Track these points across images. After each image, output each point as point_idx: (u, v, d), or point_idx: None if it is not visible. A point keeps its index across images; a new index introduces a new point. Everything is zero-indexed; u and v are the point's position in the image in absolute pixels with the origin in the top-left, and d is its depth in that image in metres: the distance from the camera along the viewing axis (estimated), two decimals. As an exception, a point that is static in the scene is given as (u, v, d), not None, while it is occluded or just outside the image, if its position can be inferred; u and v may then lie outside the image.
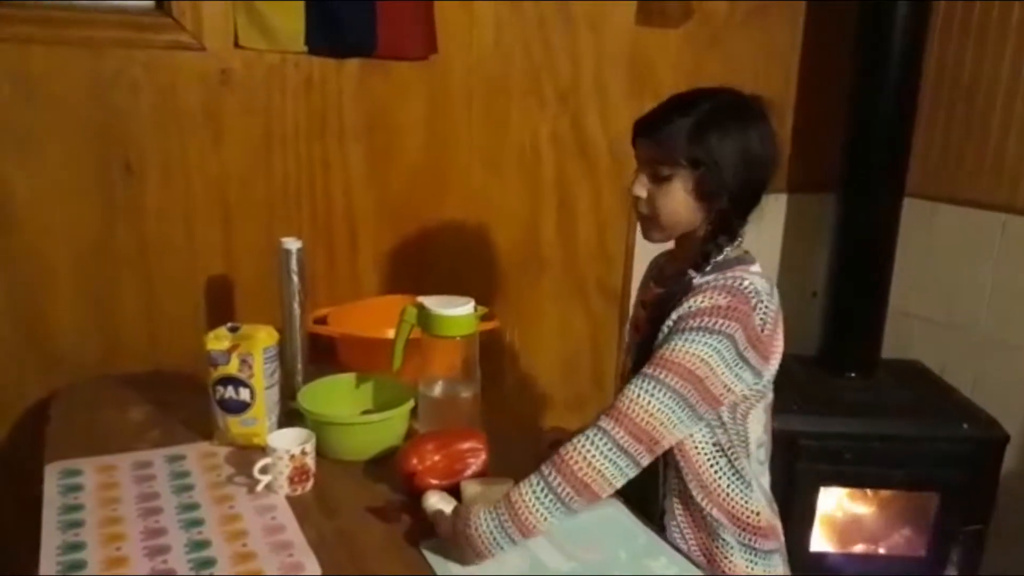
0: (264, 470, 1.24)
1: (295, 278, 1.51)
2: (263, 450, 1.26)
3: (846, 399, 2.08)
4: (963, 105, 2.17)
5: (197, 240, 1.74)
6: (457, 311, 1.36)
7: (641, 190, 1.23)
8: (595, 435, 1.09)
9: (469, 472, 1.25)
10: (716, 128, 1.16)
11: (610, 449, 1.08)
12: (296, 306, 1.52)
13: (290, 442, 1.26)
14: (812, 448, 1.94)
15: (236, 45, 1.67)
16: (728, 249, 1.20)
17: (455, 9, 1.86)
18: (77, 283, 1.66)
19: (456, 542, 1.09)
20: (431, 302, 1.38)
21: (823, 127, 2.27)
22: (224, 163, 1.73)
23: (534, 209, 2.07)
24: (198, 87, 1.67)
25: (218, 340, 1.36)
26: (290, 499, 1.24)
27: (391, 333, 1.44)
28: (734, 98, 1.20)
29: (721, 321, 1.10)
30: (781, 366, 1.23)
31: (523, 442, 1.47)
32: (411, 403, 1.39)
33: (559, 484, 1.07)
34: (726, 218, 1.19)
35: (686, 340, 1.10)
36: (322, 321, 1.68)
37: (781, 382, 1.25)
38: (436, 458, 1.24)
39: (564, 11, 1.98)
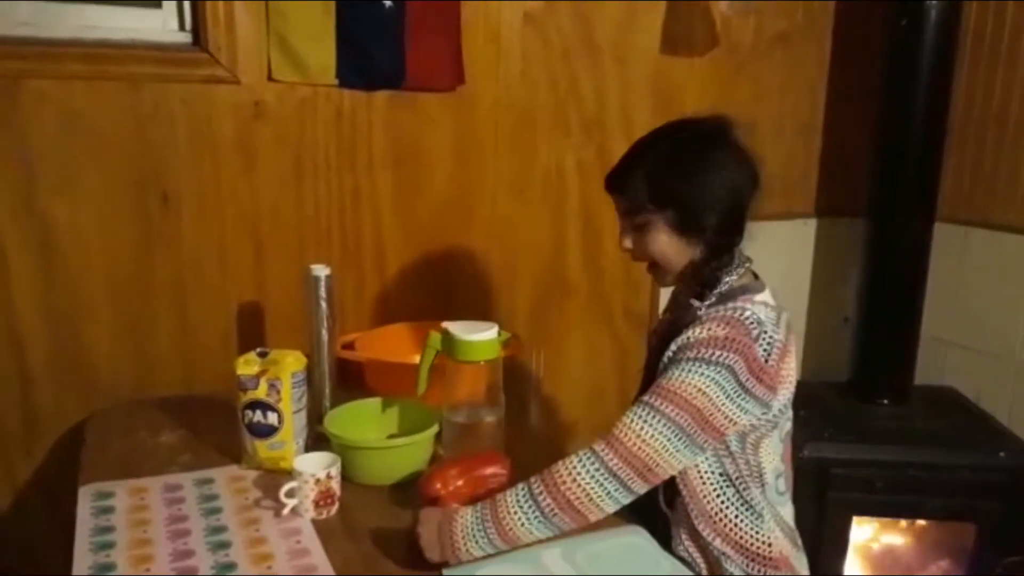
0: (290, 494, 1.26)
1: (323, 304, 1.54)
2: (290, 474, 1.28)
3: (878, 426, 2.05)
4: (995, 128, 2.15)
5: (230, 268, 1.78)
6: (481, 336, 1.38)
7: (627, 242, 1.29)
8: (586, 456, 1.10)
9: (492, 497, 1.26)
10: (674, 168, 1.20)
11: (598, 471, 1.09)
12: (324, 332, 1.55)
13: (316, 466, 1.28)
14: (843, 477, 1.91)
15: (269, 78, 1.72)
16: (732, 278, 1.21)
17: (482, 41, 1.90)
18: (114, 310, 1.71)
19: (438, 537, 1.12)
20: (455, 327, 1.39)
21: (852, 151, 2.27)
22: (256, 193, 1.77)
23: (559, 237, 2.09)
24: (232, 119, 1.72)
25: (247, 365, 1.39)
26: (316, 523, 1.26)
27: (417, 358, 1.46)
28: (693, 130, 1.22)
29: (719, 352, 1.11)
30: (811, 392, 1.23)
31: (545, 468, 1.47)
32: (435, 428, 1.40)
33: (542, 496, 1.10)
34: (715, 245, 1.21)
35: (684, 370, 1.11)
36: (350, 346, 1.71)
37: (811, 409, 1.25)
38: (459, 483, 1.25)
39: (589, 42, 2.01)
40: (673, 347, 1.16)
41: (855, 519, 1.97)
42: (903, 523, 2.06)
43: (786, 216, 2.32)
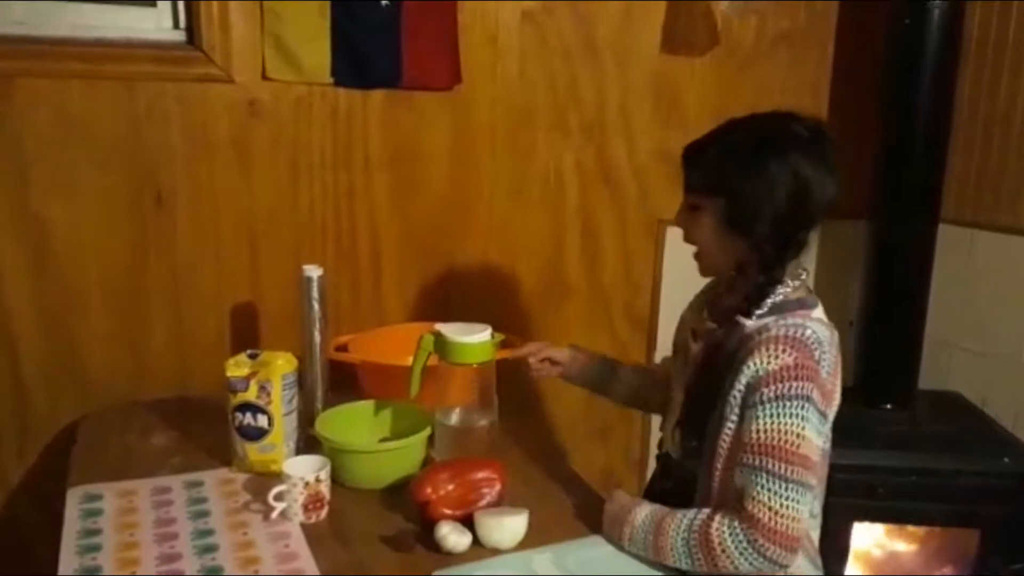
0: (279, 497, 1.25)
1: (316, 305, 1.53)
2: (280, 477, 1.27)
3: (881, 431, 2.01)
4: (1000, 129, 2.12)
5: (224, 268, 1.77)
6: (474, 338, 1.36)
7: (680, 219, 1.24)
8: (734, 533, 1.08)
9: (484, 502, 1.24)
10: (744, 157, 1.14)
11: (747, 549, 1.07)
12: (317, 333, 1.54)
13: (305, 469, 1.26)
14: (844, 481, 1.87)
15: (264, 77, 1.71)
16: (787, 289, 1.16)
17: (480, 40, 1.88)
18: (109, 310, 1.70)
19: (615, 518, 1.19)
20: (448, 329, 1.38)
21: (855, 153, 2.22)
22: (252, 193, 1.76)
23: (558, 237, 2.07)
24: (227, 118, 1.71)
25: (238, 367, 1.38)
26: (304, 526, 1.24)
27: (410, 360, 1.44)
28: (782, 127, 1.15)
29: (796, 384, 1.08)
30: None
31: (541, 472, 1.46)
32: (427, 431, 1.38)
33: (695, 548, 1.10)
34: (767, 253, 1.14)
35: (773, 416, 1.08)
36: (343, 349, 1.69)
37: None
38: (450, 487, 1.23)
39: (589, 41, 1.99)
40: (743, 380, 1.11)
41: (856, 524, 1.94)
42: (905, 529, 2.03)
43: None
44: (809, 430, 1.09)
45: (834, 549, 1.93)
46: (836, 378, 1.16)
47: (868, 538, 2.03)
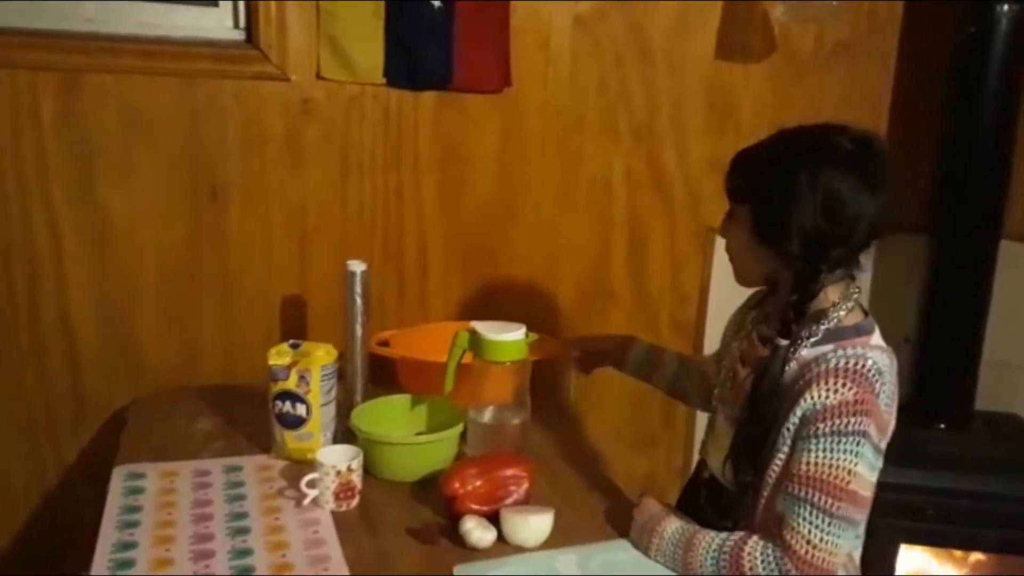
0: (311, 484, 1.27)
1: (358, 300, 1.56)
2: (314, 465, 1.29)
3: (933, 451, 1.95)
4: (1069, 144, 2.04)
5: (274, 262, 1.81)
6: (508, 336, 1.37)
7: (721, 227, 1.24)
8: (769, 562, 1.07)
9: (510, 500, 1.25)
10: (779, 163, 1.12)
11: None
12: (359, 327, 1.57)
13: (338, 458, 1.28)
14: (892, 501, 1.81)
15: (318, 77, 1.75)
16: (842, 312, 1.13)
17: (531, 44, 1.89)
18: (162, 299, 1.76)
19: (643, 528, 1.19)
20: (483, 327, 1.39)
21: (915, 166, 2.17)
22: (303, 189, 1.80)
23: (604, 243, 2.06)
24: (281, 116, 1.75)
25: (279, 356, 1.42)
26: (335, 515, 1.27)
27: (447, 357, 1.46)
28: (822, 137, 1.12)
29: (853, 420, 1.05)
30: None
31: (571, 474, 1.46)
32: (460, 427, 1.39)
33: (724, 564, 1.10)
34: (799, 269, 1.12)
35: (826, 450, 1.05)
36: (385, 344, 1.72)
37: None
38: (478, 483, 1.24)
39: (642, 46, 1.98)
40: (799, 412, 1.08)
41: (903, 546, 1.88)
42: (956, 554, 1.96)
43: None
44: (862, 466, 1.07)
45: (879, 571, 1.88)
46: (893, 406, 1.14)
47: (915, 562, 1.97)
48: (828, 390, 1.05)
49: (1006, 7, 1.87)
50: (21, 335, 1.69)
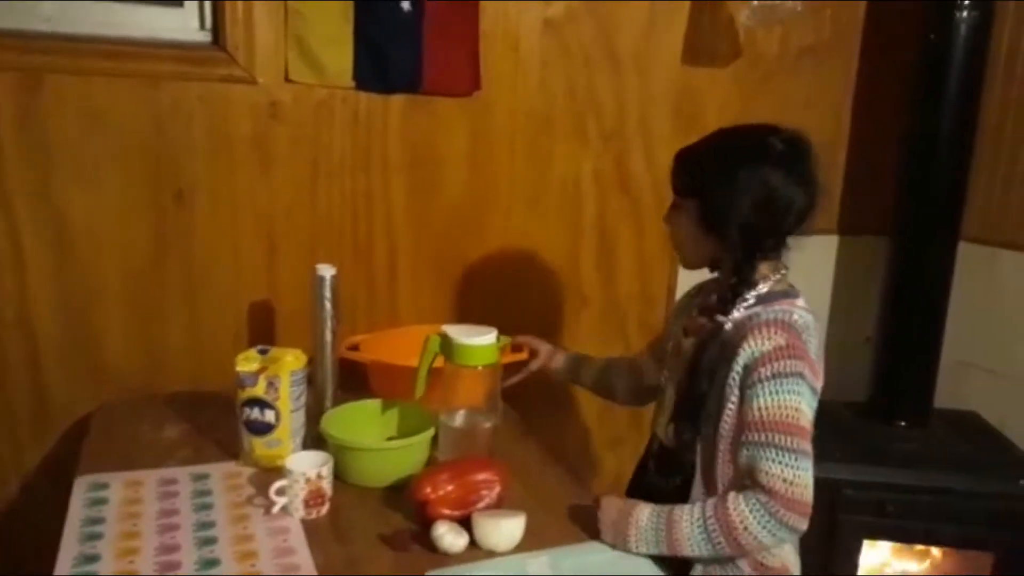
0: (280, 492, 1.26)
1: (328, 304, 1.55)
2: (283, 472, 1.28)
3: (894, 449, 1.99)
4: (1026, 148, 2.10)
5: (242, 266, 1.79)
6: (479, 340, 1.37)
7: (665, 217, 1.36)
8: (754, 507, 1.14)
9: (482, 504, 1.25)
10: (722, 162, 1.23)
11: (769, 521, 1.14)
12: (328, 332, 1.56)
13: (308, 465, 1.27)
14: (855, 498, 1.86)
15: (286, 79, 1.73)
16: (771, 283, 1.25)
17: (501, 47, 1.89)
18: (127, 304, 1.73)
19: (614, 525, 1.21)
20: (454, 331, 1.39)
21: (877, 168, 2.22)
22: (271, 193, 1.78)
23: (574, 246, 2.07)
24: (249, 119, 1.73)
25: (247, 361, 1.40)
26: (305, 522, 1.26)
27: (418, 361, 1.46)
28: (760, 139, 1.23)
29: (789, 362, 1.16)
30: (828, 412, 1.30)
31: (543, 477, 1.46)
32: (431, 432, 1.39)
33: (715, 532, 1.15)
34: (737, 255, 1.24)
35: (772, 393, 1.15)
36: (356, 348, 1.71)
37: (827, 428, 1.28)
38: (449, 488, 1.24)
39: (610, 51, 1.99)
40: (739, 364, 1.19)
41: (866, 542, 1.92)
42: (917, 549, 2.00)
43: (807, 232, 2.27)
44: (804, 404, 1.16)
45: (844, 567, 1.92)
46: (820, 360, 1.24)
47: (878, 557, 2.01)
48: (763, 339, 1.17)
49: (965, 14, 1.91)
50: (-21, 338, 1.65)
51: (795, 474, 1.13)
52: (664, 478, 1.35)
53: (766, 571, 1.24)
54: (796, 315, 1.21)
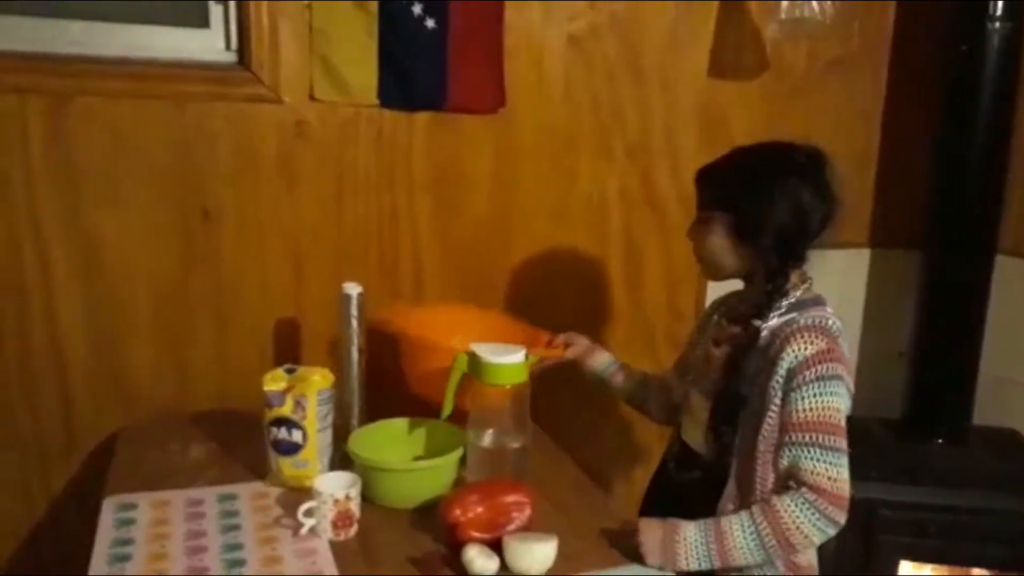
0: (308, 513, 1.25)
1: (354, 322, 1.54)
2: (311, 493, 1.27)
3: (932, 467, 1.94)
4: (1062, 158, 2.05)
5: (269, 285, 1.79)
6: (508, 359, 1.35)
7: (691, 233, 1.39)
8: (803, 505, 1.19)
9: (512, 526, 1.23)
10: (750, 177, 1.30)
11: (818, 518, 1.19)
12: (355, 350, 1.55)
13: (336, 486, 1.26)
14: (892, 518, 1.82)
15: (311, 98, 1.73)
16: (799, 292, 1.31)
17: (525, 64, 1.88)
18: (154, 323, 1.73)
19: (660, 546, 1.21)
20: (482, 349, 1.37)
21: (909, 181, 2.18)
22: (297, 211, 1.78)
23: (600, 262, 2.05)
24: (274, 138, 1.74)
25: (274, 381, 1.39)
26: (333, 544, 1.24)
27: (452, 341, 1.44)
28: (783, 154, 1.31)
29: (830, 365, 1.22)
30: (863, 428, 1.37)
31: (573, 498, 1.44)
32: (459, 452, 1.37)
33: (767, 534, 1.20)
34: (772, 263, 1.29)
35: (815, 395, 1.21)
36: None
37: (862, 446, 1.30)
38: (479, 510, 1.22)
39: (634, 66, 1.98)
40: (783, 370, 1.24)
41: (903, 563, 1.87)
42: (956, 570, 1.95)
43: (839, 246, 2.24)
44: (842, 404, 1.23)
45: (881, 588, 1.87)
46: (850, 363, 1.31)
47: (917, 579, 1.96)
48: (806, 343, 1.23)
49: (997, 24, 1.88)
50: (9, 361, 1.65)
51: (838, 471, 1.20)
52: (685, 471, 1.41)
53: (798, 570, 1.29)
54: (831, 320, 1.27)
